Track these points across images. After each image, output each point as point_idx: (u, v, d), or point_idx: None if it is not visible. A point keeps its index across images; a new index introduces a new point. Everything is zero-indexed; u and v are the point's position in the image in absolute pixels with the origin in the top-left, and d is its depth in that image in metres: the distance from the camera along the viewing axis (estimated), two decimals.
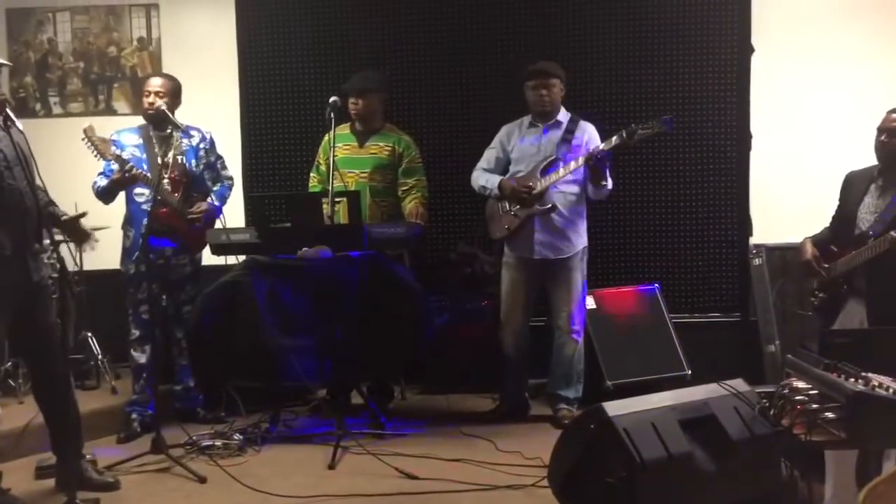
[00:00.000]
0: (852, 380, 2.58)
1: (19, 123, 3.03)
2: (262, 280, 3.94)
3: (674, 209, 4.88)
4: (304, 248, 3.89)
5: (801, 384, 2.72)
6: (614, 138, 3.84)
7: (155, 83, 4.08)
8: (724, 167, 4.85)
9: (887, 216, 3.22)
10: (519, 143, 4.19)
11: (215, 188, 4.23)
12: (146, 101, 4.06)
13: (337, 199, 3.95)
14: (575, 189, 4.09)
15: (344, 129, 4.33)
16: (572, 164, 3.96)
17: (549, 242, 4.09)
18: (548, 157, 4.07)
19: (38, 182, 3.12)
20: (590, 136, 4.12)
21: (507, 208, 4.15)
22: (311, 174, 4.53)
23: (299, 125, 5.07)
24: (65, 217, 3.21)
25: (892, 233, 3.11)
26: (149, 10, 5.15)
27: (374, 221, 4.18)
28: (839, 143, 4.70)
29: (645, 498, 2.44)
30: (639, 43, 4.86)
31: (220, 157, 4.29)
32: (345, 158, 4.27)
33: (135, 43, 5.18)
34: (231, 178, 4.33)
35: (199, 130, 4.16)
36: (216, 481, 3.39)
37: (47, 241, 3.17)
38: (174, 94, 4.10)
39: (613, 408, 2.56)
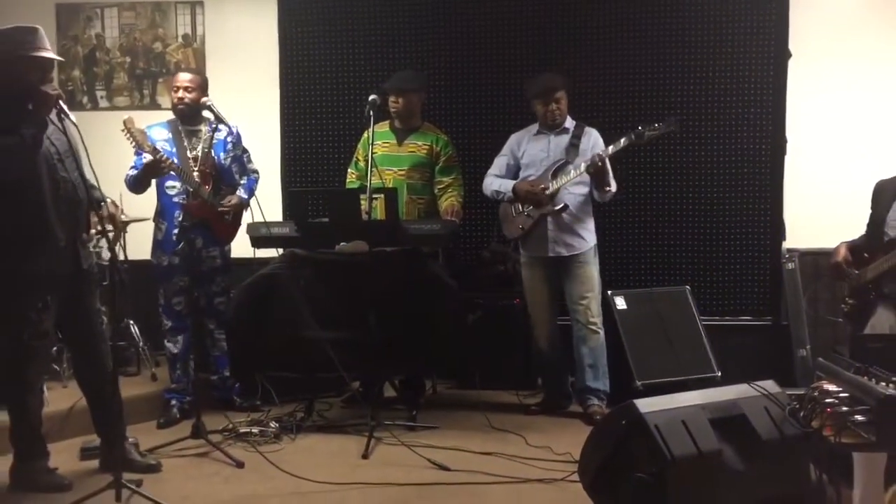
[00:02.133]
0: (883, 383, 2.61)
1: (73, 116, 3.13)
2: (300, 273, 4.04)
3: (707, 212, 4.91)
4: (342, 243, 4.01)
5: (831, 387, 2.75)
6: (622, 140, 3.99)
7: (184, 78, 4.19)
8: (758, 171, 4.87)
9: None
10: (528, 149, 4.34)
11: (242, 181, 4.33)
12: (176, 95, 4.17)
13: (375, 196, 4.03)
14: (584, 190, 4.23)
15: (383, 126, 4.42)
16: (582, 167, 4.08)
17: (562, 240, 4.22)
18: (557, 160, 4.21)
19: (88, 174, 3.24)
20: (595, 141, 4.26)
21: (521, 209, 4.28)
22: (349, 170, 4.63)
23: (338, 122, 5.17)
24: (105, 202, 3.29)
25: None
26: (194, 7, 5.28)
27: (410, 218, 4.27)
28: (876, 150, 4.70)
29: (674, 493, 2.49)
30: (678, 47, 4.90)
31: (246, 151, 4.38)
32: (383, 156, 4.36)
33: (180, 39, 5.31)
34: (257, 172, 4.41)
35: (226, 125, 4.24)
36: (253, 467, 3.49)
37: (94, 231, 3.28)
38: (203, 88, 4.20)
39: (644, 405, 2.61)
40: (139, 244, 4.40)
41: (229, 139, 4.25)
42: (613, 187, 4.17)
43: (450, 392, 4.82)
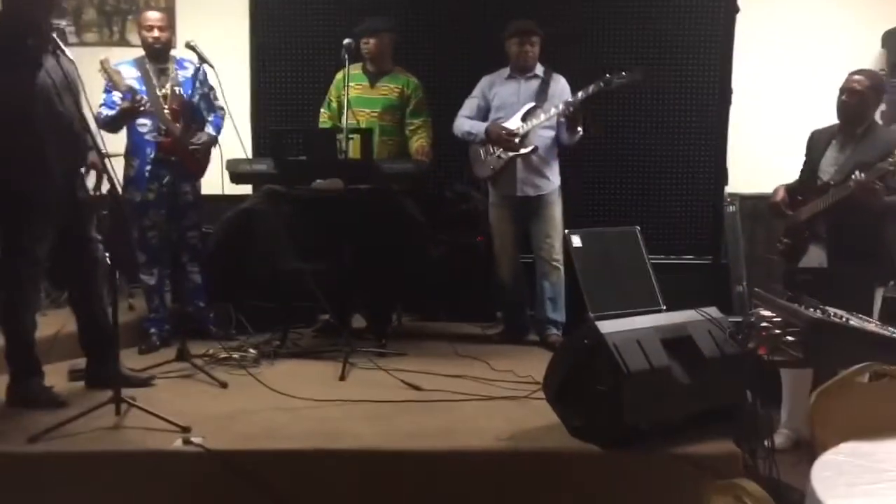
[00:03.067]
0: (811, 309, 2.98)
1: (69, 52, 3.26)
2: (278, 208, 4.25)
3: (657, 157, 5.22)
4: (318, 180, 4.21)
5: (766, 313, 3.12)
6: (591, 86, 4.26)
7: (154, 17, 4.31)
8: (704, 120, 5.19)
9: (846, 167, 3.58)
10: (500, 92, 4.55)
11: (210, 118, 4.47)
12: (149, 35, 4.27)
13: (350, 136, 4.22)
14: (550, 133, 4.50)
15: (356, 68, 4.59)
16: (552, 111, 4.34)
17: (531, 181, 4.49)
18: (528, 104, 4.43)
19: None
20: (563, 87, 4.52)
21: (492, 151, 4.51)
22: (322, 110, 4.81)
23: (309, 63, 5.28)
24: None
25: (854, 176, 3.47)
26: None
27: (381, 158, 4.49)
28: (814, 102, 5.04)
29: (629, 402, 2.83)
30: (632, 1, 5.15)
31: (212, 88, 4.47)
32: (356, 97, 4.55)
33: None
34: (223, 109, 4.50)
35: (191, 62, 4.33)
36: (237, 387, 3.73)
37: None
38: (171, 27, 4.35)
39: (605, 326, 2.93)
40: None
41: (197, 77, 4.35)
42: (581, 131, 4.42)
43: (414, 324, 5.10)
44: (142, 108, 4.10)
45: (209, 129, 4.44)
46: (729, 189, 5.20)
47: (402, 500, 2.93)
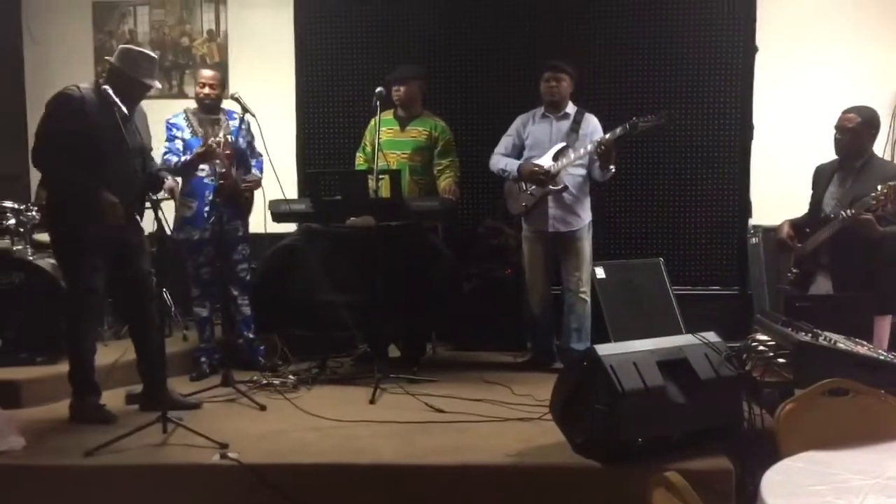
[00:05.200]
0: (803, 333, 3.14)
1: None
2: (315, 244, 4.59)
3: (682, 191, 5.44)
4: (352, 218, 4.54)
5: (763, 337, 3.30)
6: (618, 129, 4.43)
7: (208, 75, 4.75)
8: (728, 154, 5.40)
9: (845, 200, 3.75)
10: (533, 131, 4.78)
11: (253, 162, 4.86)
12: (202, 91, 4.70)
13: (381, 176, 4.53)
14: (582, 172, 4.70)
15: (387, 114, 4.93)
16: (581, 151, 4.56)
17: (562, 217, 4.70)
18: (559, 144, 4.67)
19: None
20: (594, 126, 4.72)
21: (525, 188, 4.75)
22: (358, 154, 5.16)
23: (348, 110, 5.70)
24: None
25: (842, 213, 3.64)
26: (217, 4, 5.81)
27: (412, 196, 4.80)
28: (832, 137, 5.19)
29: (624, 420, 3.03)
30: (657, 43, 5.43)
31: (253, 137, 4.85)
32: (388, 141, 4.88)
33: (205, 34, 5.85)
34: (261, 155, 4.85)
35: (237, 113, 4.69)
36: (274, 410, 4.04)
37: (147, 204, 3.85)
38: (223, 84, 4.78)
39: (603, 350, 3.15)
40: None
41: (243, 126, 4.75)
42: (613, 168, 4.61)
43: (448, 353, 5.36)
44: (216, 153, 4.48)
45: (255, 171, 4.84)
46: (753, 221, 5.34)
47: None
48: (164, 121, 4.66)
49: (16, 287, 4.47)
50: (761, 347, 3.25)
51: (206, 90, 4.69)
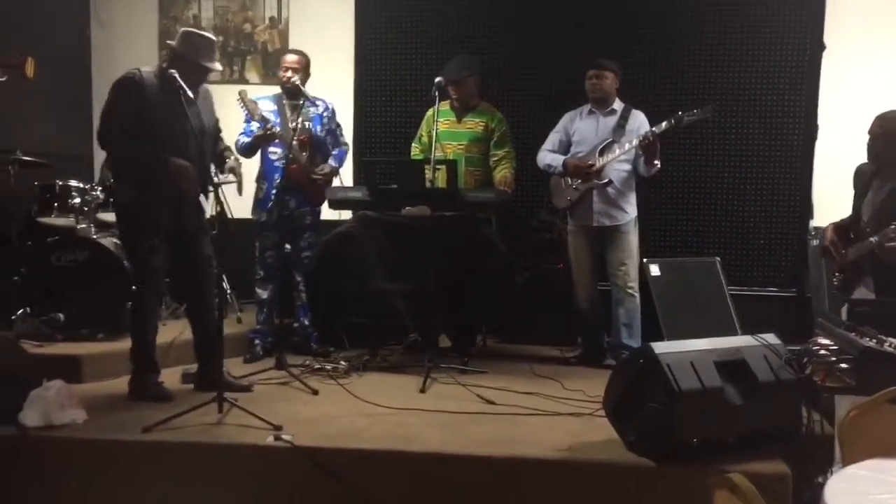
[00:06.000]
0: (867, 339, 3.08)
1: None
2: (371, 232, 4.63)
3: (741, 190, 5.36)
4: (408, 207, 4.56)
5: (824, 341, 3.24)
6: (664, 123, 4.41)
7: (291, 59, 4.75)
8: (790, 154, 5.29)
9: (879, 212, 3.69)
10: (580, 127, 4.79)
11: (334, 152, 4.90)
12: (284, 74, 4.72)
13: (438, 167, 4.55)
14: (627, 167, 4.68)
15: (444, 105, 4.93)
16: (627, 146, 4.53)
17: (606, 211, 4.69)
18: (605, 139, 4.65)
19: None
20: (640, 122, 4.69)
21: (570, 183, 4.74)
22: (413, 144, 5.18)
23: (405, 99, 5.72)
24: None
25: (872, 239, 3.65)
26: None
27: (467, 187, 4.81)
28: None
29: (680, 419, 3.00)
30: (722, 38, 5.35)
31: (339, 125, 4.95)
32: (444, 132, 4.89)
33: (267, 21, 5.92)
34: (347, 145, 4.97)
35: (323, 101, 4.83)
36: (326, 395, 4.09)
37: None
38: (306, 68, 4.77)
39: (659, 347, 3.11)
40: (238, 202, 4.99)
41: (325, 114, 4.82)
42: (659, 164, 4.59)
43: (498, 345, 5.36)
44: (270, 134, 4.52)
45: (332, 162, 4.88)
46: (814, 223, 5.23)
47: (462, 499, 3.18)
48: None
49: (79, 264, 4.60)
50: (823, 352, 3.19)
51: (289, 73, 4.72)
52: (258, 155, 4.78)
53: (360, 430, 3.51)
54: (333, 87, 5.63)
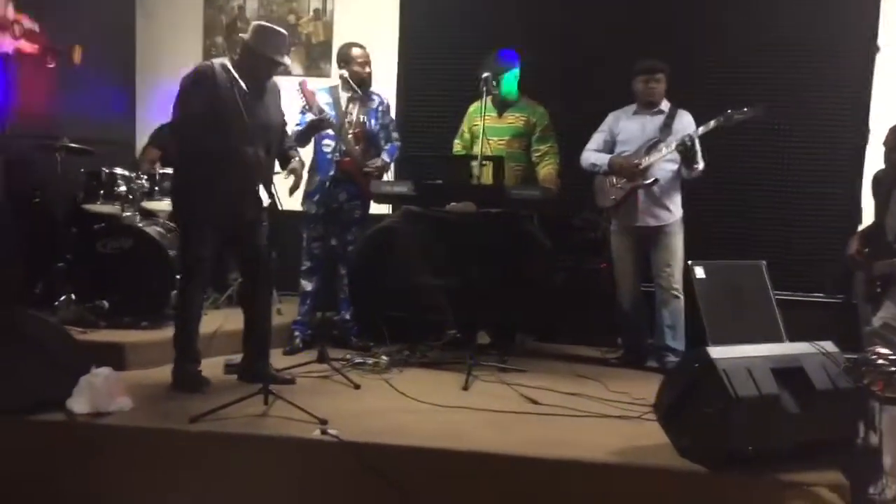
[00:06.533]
0: None
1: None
2: (415, 227, 4.60)
3: (789, 193, 5.29)
4: (452, 203, 4.53)
5: (884, 350, 3.17)
6: (712, 122, 4.38)
7: (361, 52, 4.76)
8: (840, 157, 5.19)
9: None
10: (625, 127, 4.75)
11: (386, 147, 4.89)
12: (363, 70, 4.72)
13: (484, 163, 4.51)
14: (673, 167, 4.63)
15: (486, 100, 4.88)
16: (674, 145, 4.49)
17: (651, 212, 4.64)
18: (651, 139, 4.60)
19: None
20: (687, 122, 4.64)
21: (615, 182, 4.69)
22: (455, 140, 5.15)
23: (448, 93, 5.67)
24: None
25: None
26: None
27: (508, 184, 4.75)
28: None
29: (735, 426, 2.94)
30: (772, 38, 5.26)
31: (392, 121, 4.94)
32: (486, 127, 4.83)
33: (311, 13, 5.91)
34: (399, 141, 4.95)
35: (378, 95, 4.82)
36: (368, 389, 4.07)
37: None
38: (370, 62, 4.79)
39: (715, 352, 3.06)
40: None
41: (380, 108, 4.81)
42: (701, 165, 4.54)
43: (536, 344, 5.31)
44: (326, 123, 4.52)
45: (384, 157, 4.87)
46: (863, 227, 5.12)
47: (512, 501, 3.15)
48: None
49: (124, 252, 4.62)
50: (881, 361, 3.13)
51: (367, 69, 4.74)
52: (311, 147, 4.76)
53: (406, 426, 3.48)
54: (376, 80, 5.51)
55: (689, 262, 4.81)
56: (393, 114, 5.05)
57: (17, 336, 3.39)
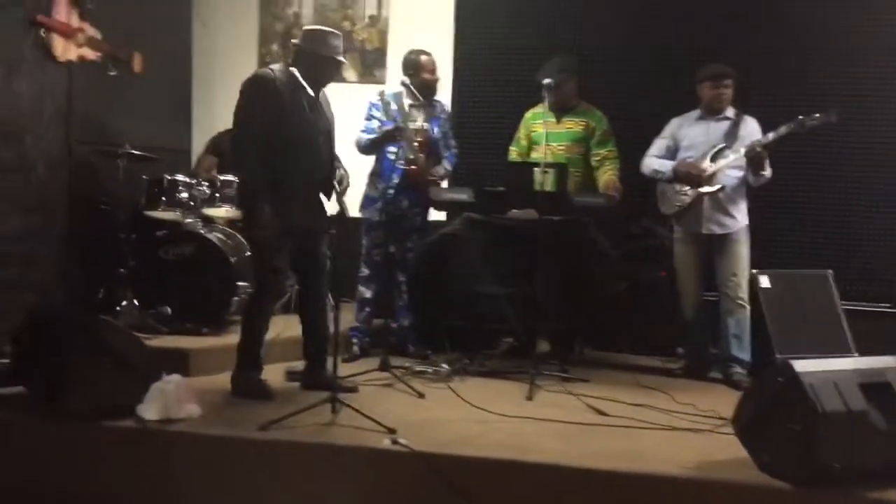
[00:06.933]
0: None
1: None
2: (476, 234, 4.56)
3: (856, 201, 5.16)
4: (514, 210, 4.48)
5: None
6: (783, 128, 4.29)
7: (430, 60, 4.77)
8: None
9: None
10: (689, 132, 4.65)
11: (445, 154, 4.87)
12: (433, 77, 4.74)
13: (547, 170, 4.45)
14: (739, 173, 4.54)
15: (543, 106, 4.82)
16: (742, 151, 4.40)
17: (716, 219, 4.55)
18: (716, 145, 4.51)
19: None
20: (753, 129, 4.55)
21: (679, 189, 4.60)
22: (511, 147, 5.11)
23: (503, 100, 5.62)
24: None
25: None
26: None
27: (569, 190, 4.69)
28: None
29: (823, 442, 2.85)
30: (830, 45, 5.16)
31: (452, 128, 4.91)
32: (543, 133, 4.79)
33: (366, 20, 5.90)
34: (457, 148, 4.93)
35: (440, 102, 4.79)
36: (432, 398, 4.03)
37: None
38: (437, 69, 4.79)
39: (800, 365, 2.97)
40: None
41: (443, 116, 4.80)
42: (768, 173, 4.45)
43: (596, 353, 5.23)
44: (405, 134, 4.52)
45: (445, 164, 4.85)
46: None
47: None
48: (367, 101, 4.76)
49: (186, 258, 4.64)
50: None
51: (436, 76, 4.75)
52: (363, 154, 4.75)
53: (474, 436, 3.44)
54: None
55: (754, 271, 4.73)
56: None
57: (99, 343, 3.40)
